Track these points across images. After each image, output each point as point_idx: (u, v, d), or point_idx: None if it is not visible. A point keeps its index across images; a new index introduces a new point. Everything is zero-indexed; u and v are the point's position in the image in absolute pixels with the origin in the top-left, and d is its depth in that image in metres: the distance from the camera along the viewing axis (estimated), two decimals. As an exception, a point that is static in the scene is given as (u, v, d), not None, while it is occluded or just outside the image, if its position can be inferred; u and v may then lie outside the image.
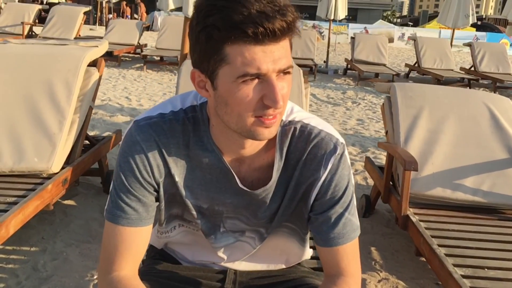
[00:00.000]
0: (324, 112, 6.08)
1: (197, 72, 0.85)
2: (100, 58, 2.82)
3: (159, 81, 7.54)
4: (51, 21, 9.08)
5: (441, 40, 10.13)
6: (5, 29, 8.91)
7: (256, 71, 0.78)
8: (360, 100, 7.04)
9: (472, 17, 9.18)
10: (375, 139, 4.76)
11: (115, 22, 9.50)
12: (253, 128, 0.83)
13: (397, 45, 21.96)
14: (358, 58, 9.12)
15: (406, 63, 10.93)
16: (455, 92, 2.75)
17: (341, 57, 13.88)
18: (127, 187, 0.93)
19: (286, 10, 0.78)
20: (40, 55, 2.62)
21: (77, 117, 2.48)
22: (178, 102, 0.98)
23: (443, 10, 9.68)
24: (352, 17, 55.09)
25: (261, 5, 0.76)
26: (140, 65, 8.78)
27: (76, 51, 2.70)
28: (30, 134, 2.28)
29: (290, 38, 0.81)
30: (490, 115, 2.50)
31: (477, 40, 21.70)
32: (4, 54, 2.64)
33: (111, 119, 4.72)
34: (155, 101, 5.95)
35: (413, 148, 2.38)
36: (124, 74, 7.80)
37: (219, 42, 0.77)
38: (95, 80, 2.70)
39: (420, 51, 9.03)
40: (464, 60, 15.94)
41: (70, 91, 2.44)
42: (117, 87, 6.64)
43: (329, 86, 8.13)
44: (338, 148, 0.94)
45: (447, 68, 8.81)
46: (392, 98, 2.68)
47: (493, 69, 8.69)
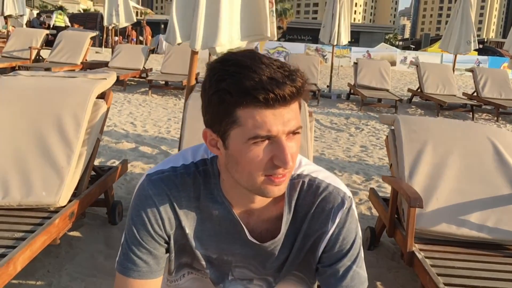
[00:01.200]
0: (328, 138, 6.10)
1: (209, 131, 0.88)
2: (108, 90, 2.87)
3: (164, 105, 7.62)
4: (58, 46, 9.24)
5: (443, 66, 10.22)
6: (13, 54, 9.07)
7: (266, 133, 0.80)
8: (363, 125, 7.08)
9: (474, 43, 9.28)
10: (379, 167, 4.77)
11: (121, 47, 9.64)
12: (263, 186, 0.86)
13: (399, 69, 22.13)
14: (361, 83, 9.19)
15: (409, 88, 11.00)
16: (458, 126, 2.77)
17: (344, 80, 14.00)
18: (138, 240, 0.95)
19: (295, 75, 0.81)
20: (49, 89, 2.67)
21: (85, 150, 2.52)
22: (189, 156, 1.00)
23: (445, 36, 9.81)
24: (355, 39, 55.58)
25: (271, 70, 0.79)
26: (145, 89, 8.88)
27: (84, 84, 2.75)
28: (38, 167, 2.31)
29: (299, 101, 0.84)
30: (494, 150, 2.51)
31: (479, 64, 21.89)
32: (14, 87, 2.69)
33: (117, 146, 4.76)
34: (160, 126, 6.00)
35: (417, 183, 2.39)
36: (129, 99, 7.89)
37: (231, 106, 0.80)
38: (103, 113, 2.74)
39: (422, 77, 9.11)
40: (467, 84, 16.03)
41: (78, 125, 2.48)
42: (123, 112, 6.71)
43: (332, 111, 8.18)
44: (346, 202, 0.97)
45: (449, 94, 8.86)
46: (396, 132, 2.70)
47: (496, 95, 8.74)
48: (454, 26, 9.35)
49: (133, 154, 4.53)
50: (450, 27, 9.59)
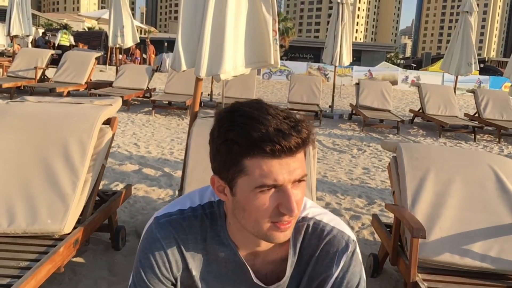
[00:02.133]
0: (330, 160, 6.12)
1: (217, 178, 0.91)
2: (113, 116, 2.91)
3: (167, 126, 7.67)
4: (63, 65, 9.36)
5: (445, 87, 10.29)
6: (18, 73, 9.17)
7: (273, 182, 0.83)
8: (365, 147, 7.10)
9: (475, 64, 9.36)
10: (381, 191, 4.77)
11: (125, 67, 9.76)
12: (269, 233, 0.88)
13: (401, 88, 22.26)
14: (363, 104, 9.25)
15: (411, 108, 11.06)
16: (460, 154, 2.80)
17: (346, 100, 14.09)
18: (146, 283, 0.97)
19: (301, 125, 0.84)
20: (56, 115, 2.71)
21: (90, 176, 2.54)
22: (196, 198, 1.03)
23: (445, 58, 9.90)
24: (356, 58, 55.97)
25: (277, 122, 0.82)
26: (149, 109, 8.95)
27: (91, 110, 2.79)
28: (44, 194, 2.33)
29: (304, 150, 0.87)
30: (496, 178, 2.53)
31: (480, 83, 22.01)
32: (22, 113, 2.74)
33: (120, 168, 4.78)
34: (163, 147, 6.03)
35: (420, 211, 2.40)
36: (133, 119, 7.95)
37: (239, 155, 0.83)
38: (109, 139, 2.77)
39: (424, 98, 9.17)
40: (468, 103, 16.10)
41: (84, 151, 2.51)
42: (126, 133, 6.75)
43: (334, 132, 8.21)
44: (350, 246, 0.98)
45: (451, 115, 8.90)
46: (398, 159, 2.72)
47: (497, 116, 8.79)
48: (455, 47, 9.46)
49: (136, 176, 4.56)
50: (451, 49, 9.69)
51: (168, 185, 4.35)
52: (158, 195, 4.07)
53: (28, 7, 9.73)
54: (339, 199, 4.39)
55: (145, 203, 3.83)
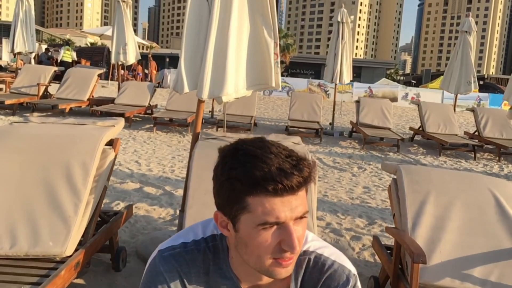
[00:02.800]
0: (331, 178, 6.13)
1: (220, 214, 0.93)
2: (116, 138, 2.94)
3: (168, 143, 7.70)
4: (66, 82, 9.44)
5: (444, 106, 10.35)
6: (21, 90, 9.25)
7: (275, 220, 0.85)
8: (366, 165, 7.12)
9: (474, 83, 9.44)
10: (381, 210, 4.77)
11: (127, 84, 9.84)
12: (271, 269, 0.89)
13: (401, 105, 22.36)
14: (363, 122, 9.30)
15: (411, 126, 11.10)
16: (460, 177, 2.81)
17: (346, 117, 14.14)
18: None
19: (302, 164, 0.86)
20: (59, 137, 2.74)
21: (92, 198, 2.55)
22: (199, 231, 1.05)
23: (445, 76, 9.98)
24: (356, 74, 56.41)
25: (280, 160, 0.85)
26: (150, 125, 9.00)
27: (93, 132, 2.82)
28: (46, 217, 2.34)
29: (306, 188, 0.89)
30: (496, 202, 2.54)
31: (480, 100, 22.12)
32: (25, 134, 2.76)
33: (121, 186, 4.80)
34: (164, 165, 6.05)
35: (420, 235, 2.41)
36: (134, 136, 7.99)
37: (242, 193, 0.85)
38: (111, 160, 2.80)
39: (424, 116, 9.22)
40: (468, 121, 16.17)
41: (86, 173, 2.53)
42: (127, 150, 6.78)
43: (335, 150, 8.24)
44: (351, 280, 1.00)
45: (451, 133, 8.94)
46: (398, 182, 2.74)
47: (497, 135, 8.82)
48: (454, 66, 9.54)
49: (137, 195, 4.57)
50: (450, 68, 9.78)
51: (169, 204, 4.36)
52: (159, 214, 4.08)
53: (32, 24, 9.86)
54: (339, 219, 4.39)
55: (146, 222, 3.83)
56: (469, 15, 9.68)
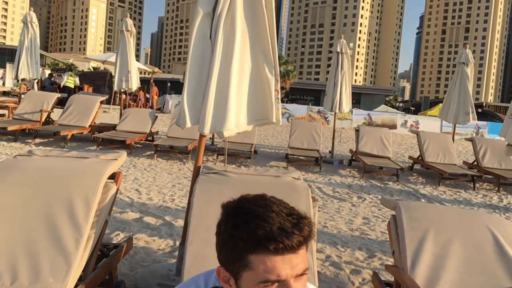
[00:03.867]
0: (330, 208, 6.13)
1: (222, 269, 0.96)
2: (118, 171, 2.98)
3: (169, 170, 7.73)
4: (68, 109, 9.53)
5: (443, 135, 10.43)
6: (23, 116, 9.33)
7: (276, 277, 0.88)
8: (365, 195, 7.12)
9: (472, 114, 9.54)
10: (381, 243, 4.76)
11: (129, 111, 9.94)
12: None
13: (400, 132, 22.47)
14: (363, 151, 9.35)
15: (410, 155, 11.16)
16: (459, 214, 2.84)
17: (345, 145, 14.22)
18: None
19: (303, 223, 0.90)
20: (62, 171, 2.77)
21: (93, 233, 2.57)
22: (201, 283, 1.07)
23: (443, 106, 10.10)
24: (356, 100, 56.96)
25: (281, 219, 0.88)
26: (151, 152, 9.05)
27: (96, 166, 2.86)
28: (47, 252, 2.35)
29: (306, 246, 0.92)
30: (494, 241, 2.56)
31: (479, 129, 22.24)
32: (28, 168, 2.80)
33: (121, 216, 4.80)
34: (164, 194, 6.06)
35: (419, 274, 2.41)
36: (135, 163, 8.02)
37: (244, 251, 0.89)
38: (113, 194, 2.82)
39: (423, 145, 9.28)
40: (467, 149, 16.24)
41: (88, 208, 2.56)
42: (128, 178, 6.80)
43: (334, 179, 8.26)
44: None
45: (450, 163, 8.98)
46: (397, 219, 2.76)
47: (496, 165, 8.85)
48: (452, 97, 9.67)
49: (137, 225, 4.57)
50: (448, 98, 9.90)
51: (168, 235, 4.36)
52: (159, 246, 4.07)
53: (37, 52, 10.03)
54: (339, 252, 4.38)
55: (146, 254, 3.82)
56: (466, 46, 9.87)
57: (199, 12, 3.04)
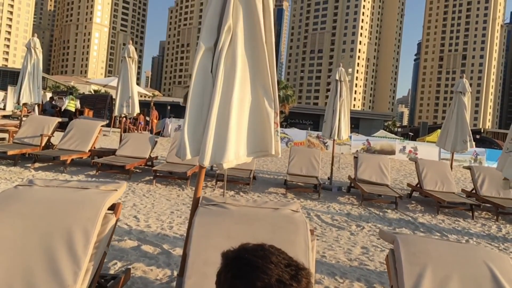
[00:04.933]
0: (329, 237, 6.11)
1: None
2: (117, 202, 3.00)
3: (167, 196, 7.72)
4: (69, 133, 9.58)
5: (441, 163, 10.47)
6: (24, 140, 9.37)
7: None
8: (364, 223, 7.11)
9: (470, 142, 9.61)
10: (380, 274, 4.74)
11: (129, 136, 9.99)
12: None
13: (399, 158, 22.54)
14: (361, 178, 9.36)
15: (408, 182, 11.17)
16: (457, 250, 2.85)
17: (344, 171, 14.24)
18: None
19: (301, 275, 0.92)
20: (62, 202, 2.79)
21: (92, 265, 2.57)
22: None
23: (441, 135, 10.18)
24: (355, 125, 57.43)
25: (279, 270, 0.91)
26: (150, 177, 9.06)
27: (96, 197, 2.88)
28: (45, 285, 2.35)
29: None
30: (492, 277, 2.56)
31: (477, 155, 22.31)
32: (29, 199, 2.82)
33: (119, 244, 4.78)
34: (163, 221, 6.05)
35: (418, 310, 2.41)
36: (134, 189, 8.02)
37: None
38: (112, 225, 2.84)
39: (421, 173, 9.30)
40: (465, 176, 16.25)
41: (87, 240, 2.57)
42: (127, 204, 6.79)
43: (333, 206, 8.25)
44: None
45: (448, 191, 8.99)
46: (395, 253, 2.77)
47: (494, 194, 8.86)
48: (450, 125, 9.76)
49: (135, 254, 4.54)
50: (446, 126, 9.99)
51: (166, 265, 4.33)
52: (156, 276, 4.05)
53: (39, 77, 10.15)
54: (338, 283, 4.35)
55: (143, 284, 3.80)
56: (463, 76, 10.02)
57: (201, 47, 3.12)
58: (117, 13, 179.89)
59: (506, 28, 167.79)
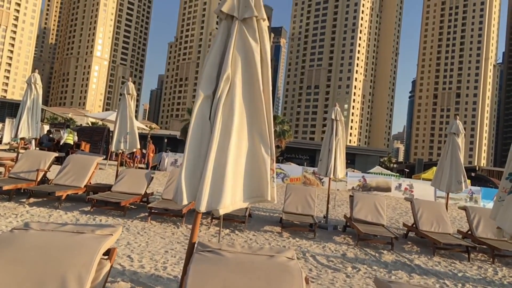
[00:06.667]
0: (324, 279, 6.05)
1: None
2: (112, 247, 3.00)
3: (162, 235, 7.66)
4: (65, 169, 9.58)
5: (437, 204, 10.47)
6: (20, 175, 9.36)
7: None
8: (360, 265, 7.05)
9: (465, 183, 9.67)
10: (376, 320, 4.67)
11: (125, 172, 9.99)
12: None
13: (395, 195, 22.57)
14: (357, 217, 9.35)
15: (404, 222, 11.14)
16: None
17: (340, 208, 14.21)
18: None
19: None
20: (57, 248, 2.79)
21: (85, 313, 2.55)
22: None
23: (436, 175, 10.25)
24: (351, 161, 57.76)
25: None
26: (145, 214, 9.00)
27: (91, 242, 2.89)
28: (37, 335, 2.33)
29: None
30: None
31: (472, 194, 22.36)
32: (23, 245, 2.82)
33: (112, 286, 4.72)
34: (157, 261, 5.98)
35: None
36: (128, 226, 7.96)
37: None
38: (106, 272, 2.83)
39: (417, 214, 9.30)
40: (461, 215, 16.23)
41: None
42: (121, 242, 6.73)
43: (328, 246, 8.19)
44: None
45: (444, 232, 8.97)
46: (390, 304, 2.76)
47: (490, 235, 8.84)
48: (444, 166, 9.85)
49: (127, 298, 4.49)
50: (440, 167, 10.08)
51: (159, 309, 4.27)
52: (148, 320, 3.99)
53: (38, 112, 10.25)
54: (333, 329, 4.29)
55: (135, 330, 3.74)
56: (457, 118, 10.20)
57: (200, 95, 3.22)
58: (118, 47, 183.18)
59: (498, 68, 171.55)
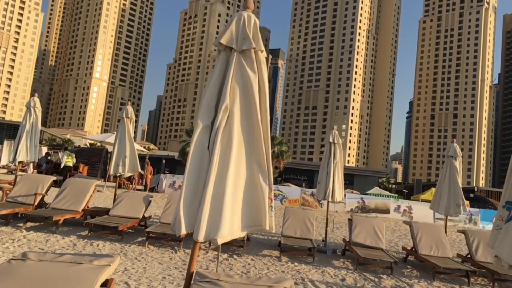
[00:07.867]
0: (323, 306, 5.99)
1: None
2: (110, 278, 2.99)
3: (160, 260, 7.60)
4: (63, 192, 9.56)
5: (436, 227, 10.44)
6: (17, 199, 9.32)
7: None
8: (359, 290, 6.99)
9: (463, 206, 9.67)
10: None
11: (123, 196, 9.96)
12: None
13: (393, 217, 22.47)
14: (356, 241, 9.30)
15: (403, 245, 11.08)
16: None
17: (339, 231, 14.12)
18: None
19: None
20: (54, 280, 2.79)
21: None
22: None
23: (434, 198, 10.25)
24: (349, 181, 57.64)
25: None
26: (143, 238, 8.93)
27: (89, 273, 2.88)
28: None
29: None
30: None
31: (471, 215, 22.29)
32: (22, 276, 2.81)
33: (108, 315, 4.66)
34: (154, 287, 5.93)
35: None
36: (126, 251, 7.90)
37: None
38: (104, 303, 2.82)
39: (416, 237, 9.26)
40: (461, 237, 16.13)
41: (79, 321, 2.54)
42: (118, 268, 6.66)
43: (327, 271, 8.12)
44: None
45: (443, 256, 8.91)
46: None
47: (489, 259, 8.78)
48: (442, 189, 9.86)
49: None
50: (438, 190, 10.09)
51: (156, 338, 4.22)
52: None
53: (37, 136, 10.28)
54: None
55: None
56: (454, 141, 10.27)
57: (198, 125, 3.26)
58: (117, 68, 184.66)
59: (495, 89, 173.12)
